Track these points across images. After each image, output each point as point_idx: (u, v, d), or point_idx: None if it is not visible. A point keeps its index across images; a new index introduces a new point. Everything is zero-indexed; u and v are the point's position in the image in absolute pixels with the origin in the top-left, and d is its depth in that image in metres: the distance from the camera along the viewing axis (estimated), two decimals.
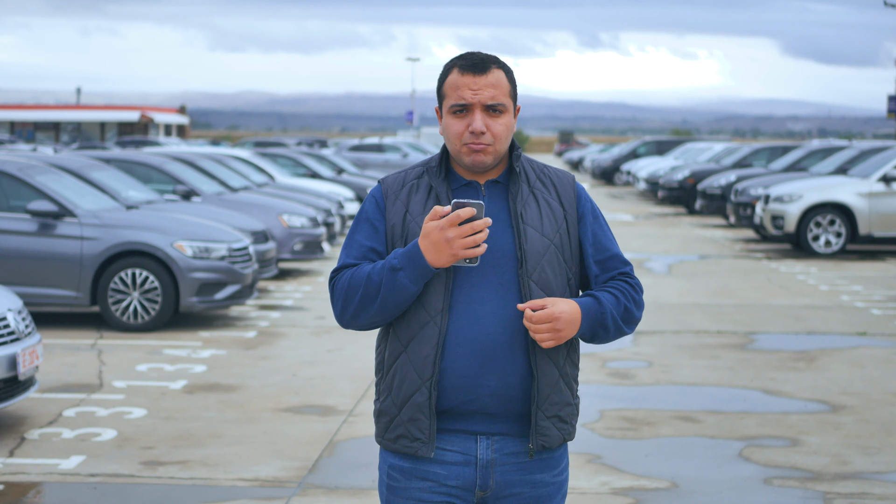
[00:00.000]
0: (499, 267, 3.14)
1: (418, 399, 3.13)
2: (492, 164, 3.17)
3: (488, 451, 3.18)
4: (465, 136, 3.13)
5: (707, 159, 32.70)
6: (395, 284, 3.07)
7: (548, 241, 3.18)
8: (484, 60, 3.16)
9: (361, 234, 3.22)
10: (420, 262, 3.05)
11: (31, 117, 58.36)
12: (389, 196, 3.22)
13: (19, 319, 7.59)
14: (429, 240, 3.04)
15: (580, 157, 63.52)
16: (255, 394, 8.75)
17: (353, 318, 3.16)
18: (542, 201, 3.21)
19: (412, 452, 3.16)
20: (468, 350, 3.11)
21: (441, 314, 3.11)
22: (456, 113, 3.15)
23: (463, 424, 3.17)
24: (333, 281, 3.20)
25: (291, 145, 44.87)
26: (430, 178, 3.20)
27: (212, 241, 11.60)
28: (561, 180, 3.27)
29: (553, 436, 3.21)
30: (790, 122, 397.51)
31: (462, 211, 3.01)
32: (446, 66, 3.21)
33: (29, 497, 6.35)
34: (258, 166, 21.60)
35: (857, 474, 6.81)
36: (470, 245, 3.02)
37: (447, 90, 3.18)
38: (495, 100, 3.13)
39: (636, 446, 7.37)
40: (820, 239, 18.83)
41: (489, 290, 3.13)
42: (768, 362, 10.07)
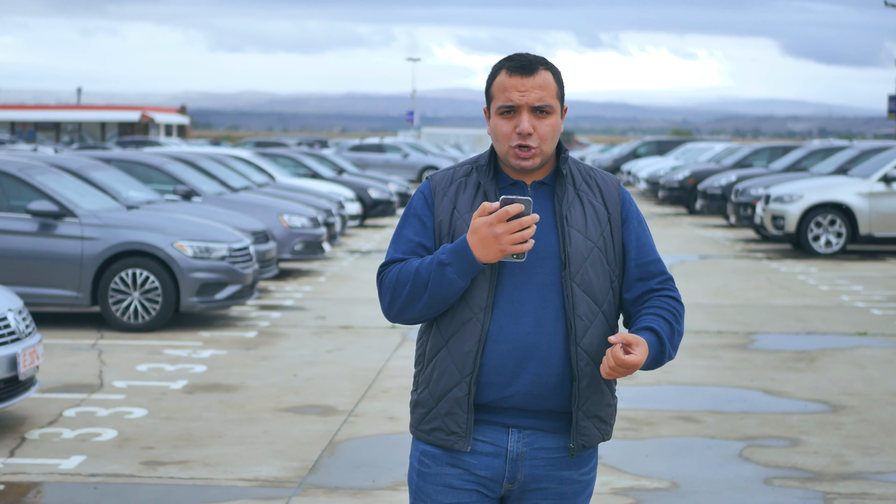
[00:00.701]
0: (542, 268, 3.18)
1: (457, 394, 3.18)
2: (539, 166, 3.21)
3: (519, 444, 3.22)
4: (513, 137, 3.16)
5: (707, 159, 32.70)
6: (443, 280, 3.11)
7: (591, 244, 3.21)
8: (532, 62, 3.18)
9: (410, 229, 3.25)
10: (468, 258, 3.09)
11: (32, 117, 58.39)
12: (438, 192, 3.26)
13: (20, 319, 7.59)
14: (477, 235, 3.06)
15: (581, 157, 63.50)
16: (256, 394, 8.75)
17: (400, 312, 3.19)
18: (587, 203, 3.24)
19: (448, 446, 3.21)
20: (506, 348, 3.16)
21: (484, 311, 3.15)
22: (504, 114, 3.18)
23: (496, 417, 3.21)
24: (382, 275, 3.24)
25: (292, 145, 44.88)
26: (479, 176, 3.24)
27: (212, 242, 11.60)
28: (606, 183, 3.29)
29: (593, 435, 3.26)
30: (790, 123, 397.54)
31: (510, 207, 3.04)
32: (495, 67, 3.24)
33: (29, 497, 6.35)
34: (259, 166, 21.60)
35: (858, 474, 6.81)
36: (517, 241, 3.04)
37: (495, 91, 3.20)
38: (542, 101, 3.16)
39: (636, 446, 7.37)
40: (820, 239, 18.83)
41: (531, 291, 3.17)
42: (769, 362, 10.07)
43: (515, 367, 3.16)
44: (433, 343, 3.24)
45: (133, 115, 58.11)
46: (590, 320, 3.19)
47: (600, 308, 3.22)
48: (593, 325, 3.20)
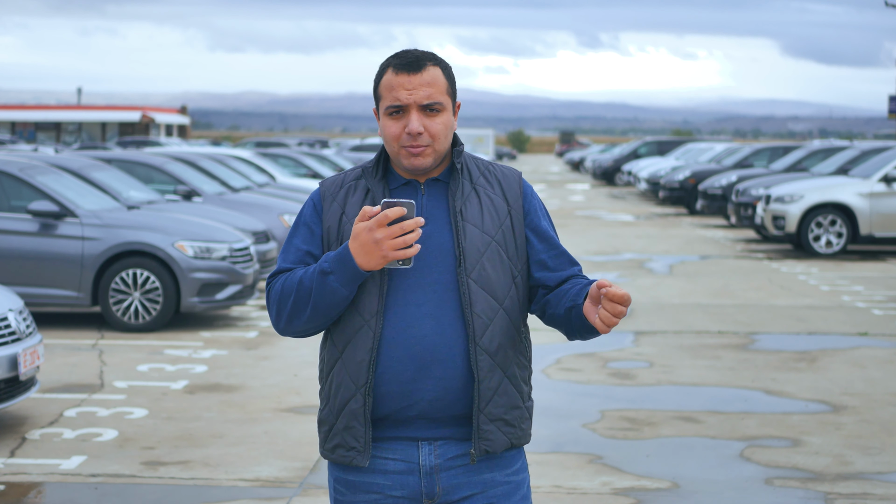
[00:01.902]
0: (437, 266, 3.03)
1: (353, 406, 3.02)
2: (432, 165, 3.06)
3: (431, 456, 3.06)
4: (403, 137, 3.02)
5: (708, 160, 32.71)
6: (325, 289, 2.97)
7: (489, 238, 3.06)
8: (418, 58, 3.05)
9: (299, 237, 3.12)
10: (350, 265, 2.94)
11: (33, 117, 58.40)
12: (327, 198, 3.13)
13: (20, 319, 7.59)
14: (358, 241, 2.92)
15: (581, 157, 63.55)
16: (257, 394, 8.75)
17: (287, 324, 3.06)
18: (485, 197, 3.10)
19: (348, 462, 3.06)
20: (404, 354, 3.00)
21: (375, 317, 3.00)
22: (392, 114, 3.03)
23: (403, 431, 3.06)
24: (269, 287, 3.10)
25: (292, 145, 44.88)
26: (367, 179, 3.11)
27: (213, 242, 11.60)
28: (506, 176, 3.15)
29: (497, 440, 3.06)
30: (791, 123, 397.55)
31: (390, 211, 2.89)
32: (381, 65, 3.10)
33: (30, 497, 6.35)
34: (259, 166, 21.60)
35: (859, 475, 6.81)
36: (400, 246, 2.90)
37: (382, 91, 3.06)
38: (431, 98, 3.02)
39: (637, 446, 7.37)
40: (821, 239, 18.82)
41: (427, 291, 3.02)
42: (769, 363, 10.07)
43: (416, 373, 3.00)
44: (329, 355, 3.09)
45: (134, 116, 58.13)
46: (489, 317, 3.03)
47: (501, 304, 3.05)
48: (493, 322, 3.03)
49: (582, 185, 45.85)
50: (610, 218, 27.70)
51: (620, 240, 21.61)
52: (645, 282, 15.41)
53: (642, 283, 15.18)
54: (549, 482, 6.60)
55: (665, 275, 16.31)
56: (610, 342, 10.72)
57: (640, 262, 17.87)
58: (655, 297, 13.90)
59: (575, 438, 7.50)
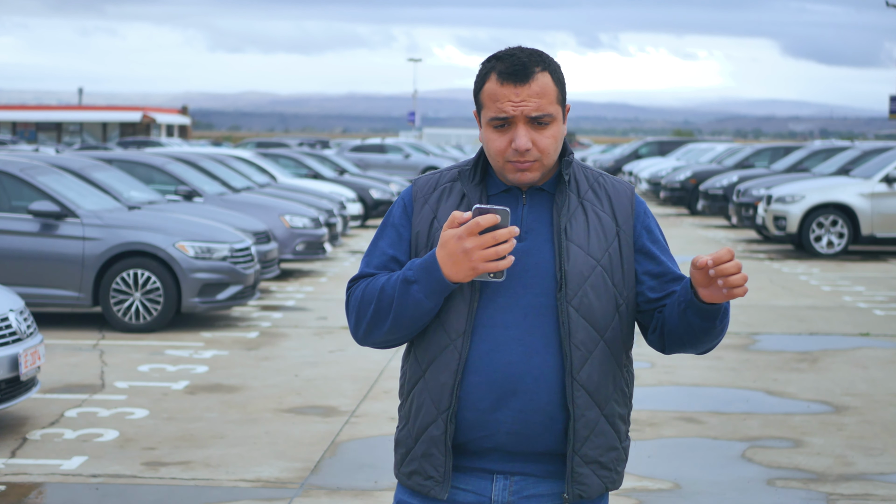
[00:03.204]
0: (534, 287, 2.76)
1: (434, 432, 2.78)
2: (539, 179, 2.80)
3: (505, 492, 2.82)
4: (509, 152, 2.74)
5: (709, 160, 32.71)
6: (408, 299, 2.72)
7: (594, 262, 2.78)
8: (525, 65, 2.73)
9: (385, 240, 2.87)
10: (436, 275, 2.69)
11: (33, 118, 58.45)
12: (418, 200, 2.86)
13: (21, 320, 7.59)
14: (446, 250, 2.66)
15: (582, 157, 63.54)
16: (257, 394, 8.74)
17: (366, 334, 2.83)
18: (592, 215, 2.81)
19: (425, 492, 2.82)
20: (484, 379, 2.75)
21: (462, 337, 2.75)
22: (496, 127, 2.75)
23: (478, 462, 2.82)
24: (349, 292, 2.87)
25: (293, 146, 44.87)
26: (463, 183, 2.84)
27: (214, 242, 11.60)
28: (617, 191, 2.86)
29: (592, 484, 2.81)
30: (792, 123, 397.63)
31: (482, 218, 2.63)
32: (483, 68, 2.79)
33: (31, 498, 6.34)
34: (260, 167, 21.60)
35: (861, 475, 6.80)
36: (491, 257, 2.64)
37: (485, 100, 2.76)
38: (541, 111, 2.73)
39: (639, 447, 7.36)
40: (822, 240, 18.82)
41: (517, 314, 2.75)
42: (771, 363, 10.06)
43: (496, 402, 2.75)
44: (411, 373, 2.86)
45: (135, 116, 58.17)
46: (589, 350, 2.77)
47: (602, 336, 2.79)
48: (593, 355, 2.77)
49: None
50: None
51: None
52: None
53: None
54: None
55: None
56: None
57: None
58: None
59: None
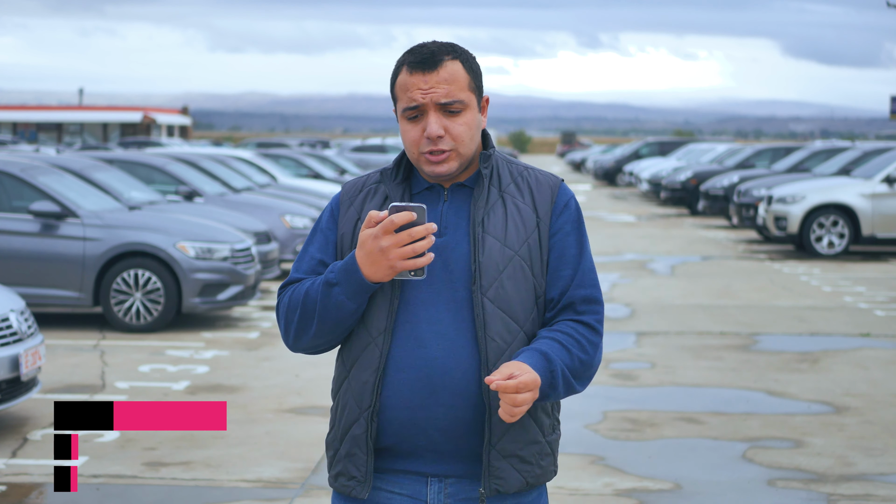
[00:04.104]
0: (455, 282, 2.74)
1: (356, 431, 2.77)
2: (457, 171, 2.78)
3: (440, 495, 2.78)
4: (423, 142, 2.74)
5: (710, 160, 32.70)
6: (331, 302, 2.71)
7: (511, 252, 2.76)
8: (434, 53, 2.74)
9: (314, 245, 2.87)
10: (356, 276, 2.68)
11: (34, 118, 58.42)
12: (344, 202, 2.87)
13: (22, 320, 7.59)
14: (364, 250, 2.67)
15: (582, 157, 63.54)
16: (258, 395, 8.74)
17: (295, 339, 2.81)
18: (512, 206, 2.80)
19: (347, 492, 2.80)
20: (412, 377, 2.72)
21: (383, 335, 2.74)
22: (409, 118, 2.76)
23: (411, 464, 2.79)
24: (279, 299, 2.86)
25: (294, 146, 44.88)
26: (385, 183, 2.84)
27: (214, 242, 11.60)
28: (540, 183, 2.84)
29: (510, 479, 2.75)
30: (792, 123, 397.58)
31: (397, 216, 2.63)
32: (396, 63, 2.81)
33: (31, 498, 6.34)
34: (260, 167, 21.60)
35: (861, 476, 6.80)
36: (409, 255, 2.63)
37: (398, 92, 2.79)
38: (450, 97, 2.73)
39: (639, 447, 7.36)
40: (823, 240, 18.81)
41: (441, 309, 2.74)
42: (771, 363, 10.06)
43: (426, 399, 2.72)
44: (338, 374, 2.85)
45: (135, 116, 58.14)
46: (507, 342, 2.73)
47: (521, 327, 2.75)
48: (511, 347, 2.73)
49: (583, 186, 45.83)
50: (611, 218, 27.69)
51: (622, 240, 21.60)
52: (646, 282, 15.40)
53: (644, 284, 15.18)
54: (551, 483, 6.59)
55: (667, 275, 16.30)
56: (612, 343, 10.71)
57: (641, 262, 17.86)
58: (657, 297, 13.89)
59: (577, 439, 7.49)
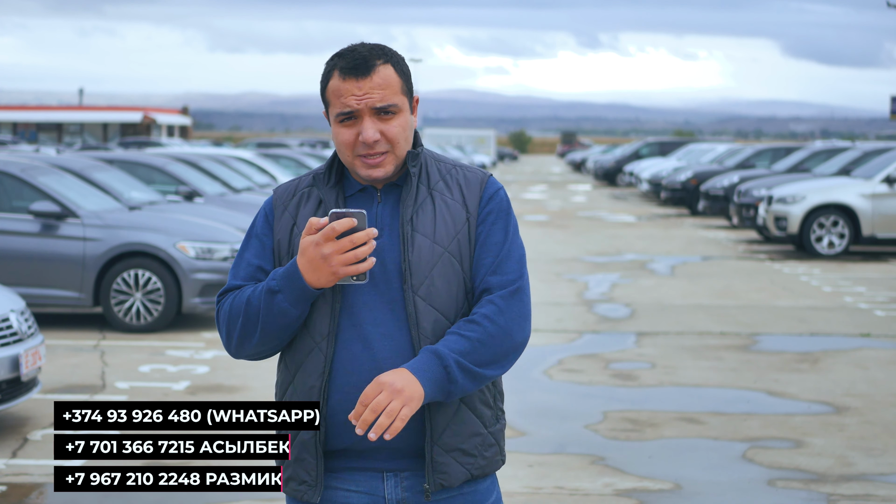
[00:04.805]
0: (394, 282, 2.76)
1: (304, 436, 2.77)
2: (393, 173, 2.80)
3: (397, 489, 2.80)
4: (358, 146, 2.75)
5: (710, 160, 32.71)
6: (274, 309, 2.72)
7: (441, 249, 2.77)
8: (366, 58, 2.76)
9: (250, 251, 2.86)
10: (298, 283, 2.69)
11: (34, 118, 58.45)
12: (278, 207, 2.87)
13: (22, 320, 7.59)
14: (305, 257, 2.67)
15: (583, 157, 63.57)
16: (258, 395, 8.74)
17: (238, 347, 2.82)
18: (441, 203, 2.80)
19: (299, 497, 2.80)
20: (362, 379, 2.73)
21: (326, 339, 2.76)
22: (343, 121, 2.77)
23: (365, 462, 2.80)
24: (218, 307, 2.86)
25: (294, 146, 44.89)
26: (318, 187, 2.84)
27: (214, 242, 11.60)
28: (468, 180, 2.85)
29: (454, 472, 2.77)
30: (793, 124, 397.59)
31: (338, 223, 2.63)
32: (326, 67, 2.82)
33: (31, 498, 6.34)
34: (261, 167, 21.61)
35: (862, 476, 6.80)
36: (351, 261, 2.65)
37: (330, 97, 2.80)
38: (385, 101, 2.75)
39: (639, 448, 7.36)
40: (823, 240, 18.82)
41: (383, 310, 2.75)
42: (772, 364, 10.06)
43: None
44: (282, 379, 2.87)
45: (135, 116, 58.16)
46: (438, 337, 2.75)
47: (451, 324, 2.78)
48: None
49: (584, 186, 45.84)
50: (612, 219, 27.69)
51: (622, 240, 21.60)
52: (647, 283, 15.40)
53: (644, 284, 15.18)
54: (552, 483, 6.59)
55: (667, 276, 16.30)
56: (612, 343, 10.72)
57: (641, 262, 17.86)
58: (657, 297, 13.89)
59: (577, 440, 7.49)
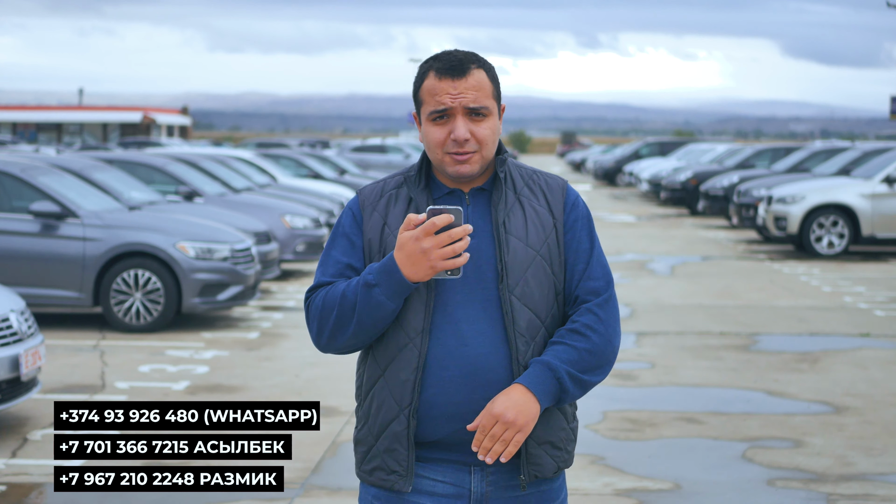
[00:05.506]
0: (486, 282, 2.89)
1: (396, 428, 2.90)
2: (479, 172, 2.93)
3: (482, 483, 2.94)
4: (448, 144, 2.88)
5: (709, 160, 32.70)
6: (370, 302, 2.83)
7: (533, 252, 2.92)
8: (462, 61, 2.89)
9: (338, 249, 2.98)
10: (396, 277, 2.81)
11: (34, 118, 58.44)
12: (366, 208, 2.98)
13: (22, 320, 7.59)
14: (404, 252, 2.79)
15: (582, 157, 63.54)
16: (258, 395, 8.75)
17: (329, 340, 2.93)
18: (529, 208, 2.96)
19: (388, 486, 2.93)
20: (456, 374, 2.87)
21: (421, 335, 2.87)
22: (435, 120, 2.89)
23: (454, 455, 2.93)
24: (308, 302, 2.97)
25: (294, 146, 44.89)
26: (409, 188, 2.97)
27: (214, 242, 11.60)
28: (551, 186, 3.01)
29: (546, 464, 2.96)
30: (792, 124, 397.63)
31: (438, 218, 2.76)
32: (422, 68, 2.95)
33: (31, 498, 6.34)
34: (260, 167, 21.60)
35: (861, 476, 6.80)
36: (448, 255, 2.77)
37: (424, 95, 2.91)
38: (478, 103, 2.88)
39: (639, 447, 7.36)
40: (823, 240, 18.82)
41: (476, 308, 2.89)
42: (771, 363, 10.06)
43: (470, 395, 2.87)
44: (370, 373, 2.97)
45: (135, 116, 58.16)
46: (531, 336, 2.91)
47: (543, 323, 2.93)
48: (535, 341, 2.91)
49: (583, 186, 45.85)
50: (611, 219, 27.69)
51: (622, 240, 21.60)
52: (646, 282, 15.40)
53: (644, 284, 15.18)
54: None
55: (667, 276, 16.30)
56: None
57: (641, 262, 17.86)
58: (657, 297, 13.89)
59: (577, 439, 7.49)
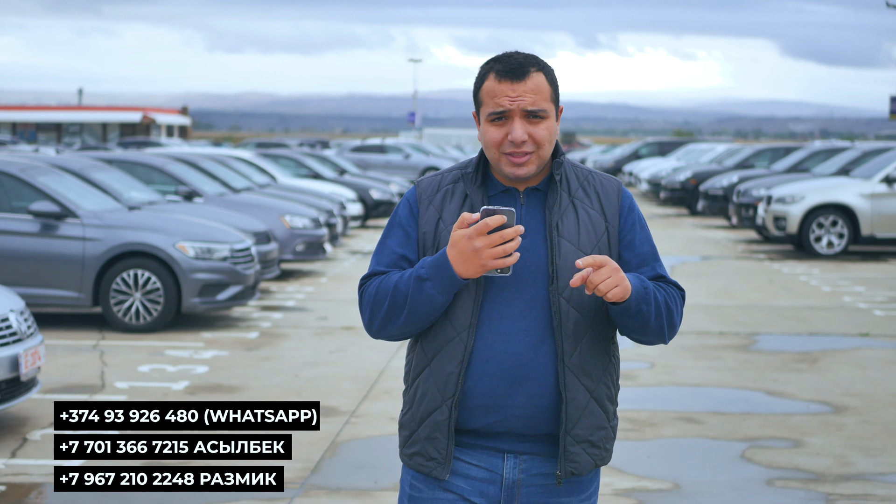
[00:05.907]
0: (534, 282, 2.99)
1: (438, 417, 3.02)
2: (535, 173, 3.01)
3: (515, 470, 3.06)
4: (505, 144, 2.97)
5: (709, 160, 32.71)
6: (421, 295, 2.94)
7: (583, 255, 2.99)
8: (521, 64, 2.97)
9: (393, 240, 3.08)
10: (448, 273, 2.91)
11: (33, 118, 58.44)
12: (423, 201, 3.08)
13: (21, 320, 7.59)
14: (456, 249, 2.89)
15: (582, 157, 63.51)
16: (258, 395, 8.75)
17: (381, 328, 3.05)
18: (583, 212, 3.04)
19: (427, 472, 3.05)
20: (496, 369, 2.98)
21: (468, 330, 2.98)
22: (494, 121, 2.98)
23: (489, 443, 3.06)
24: (362, 289, 3.08)
25: (293, 146, 44.89)
26: (466, 185, 3.06)
27: (214, 242, 11.60)
28: (605, 189, 3.09)
29: (583, 462, 3.07)
30: (792, 124, 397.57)
31: (491, 219, 2.85)
32: (482, 69, 3.03)
33: (31, 498, 6.35)
34: (260, 167, 21.60)
35: (860, 475, 6.81)
36: (499, 255, 2.87)
37: (484, 97, 3.00)
38: (536, 105, 2.96)
39: (639, 447, 7.36)
40: (822, 240, 18.82)
41: (522, 306, 2.99)
42: (771, 363, 10.07)
43: (508, 389, 2.99)
44: (417, 361, 3.08)
45: (135, 116, 58.16)
46: (579, 338, 3.01)
47: (590, 325, 3.04)
48: (582, 342, 3.02)
49: None
50: None
51: None
52: None
53: None
54: None
55: None
56: None
57: None
58: None
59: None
